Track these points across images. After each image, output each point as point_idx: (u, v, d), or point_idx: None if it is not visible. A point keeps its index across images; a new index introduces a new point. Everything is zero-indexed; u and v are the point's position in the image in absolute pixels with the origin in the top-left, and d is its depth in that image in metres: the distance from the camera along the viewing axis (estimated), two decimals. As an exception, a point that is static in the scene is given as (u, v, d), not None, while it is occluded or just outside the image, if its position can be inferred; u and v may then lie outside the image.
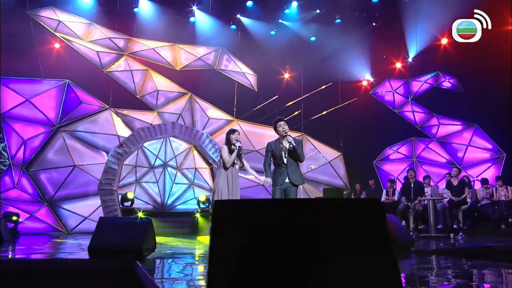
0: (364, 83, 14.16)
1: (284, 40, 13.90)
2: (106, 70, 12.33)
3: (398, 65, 13.79)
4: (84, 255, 4.30)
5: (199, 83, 13.20)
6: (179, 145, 13.56)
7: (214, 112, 13.37)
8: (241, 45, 13.88)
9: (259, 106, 13.53)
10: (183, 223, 11.64)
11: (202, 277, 3.23)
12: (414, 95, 13.49)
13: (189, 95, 13.08)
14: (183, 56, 13.35)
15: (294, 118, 13.79)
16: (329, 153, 13.80)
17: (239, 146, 5.53)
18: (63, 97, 11.53)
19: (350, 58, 13.80)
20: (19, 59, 11.13)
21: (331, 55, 13.56)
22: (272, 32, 13.95)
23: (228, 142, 5.70)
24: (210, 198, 12.87)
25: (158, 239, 9.50)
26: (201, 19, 13.61)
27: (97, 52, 12.30)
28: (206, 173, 13.62)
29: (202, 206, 12.67)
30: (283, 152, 5.57)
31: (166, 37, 13.18)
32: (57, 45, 11.89)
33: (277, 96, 13.65)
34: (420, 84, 13.38)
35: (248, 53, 13.85)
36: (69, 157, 11.44)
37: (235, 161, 5.56)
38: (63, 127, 11.50)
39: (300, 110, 13.96)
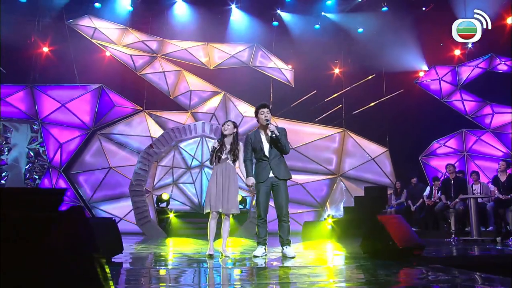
0: (421, 74, 13.11)
1: (328, 33, 13.34)
2: (140, 73, 12.44)
3: (457, 52, 12.53)
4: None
5: (233, 81, 12.94)
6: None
7: (249, 110, 13.01)
8: (279, 41, 13.47)
9: (296, 102, 13.04)
10: (217, 225, 11.35)
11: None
12: (464, 82, 12.27)
13: (222, 93, 12.86)
14: (216, 54, 13.18)
15: (334, 114, 13.15)
16: (374, 149, 12.94)
17: (214, 147, 4.99)
18: (97, 101, 11.77)
19: (398, 47, 12.90)
20: (56, 67, 11.56)
21: (377, 46, 12.76)
22: (316, 26, 13.40)
23: (221, 136, 5.17)
24: (247, 198, 12.60)
25: (183, 240, 9.40)
26: (239, 17, 13.43)
27: (131, 55, 12.45)
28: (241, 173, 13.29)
29: (239, 206, 12.38)
30: (263, 144, 5.03)
31: (201, 38, 13.10)
32: (92, 52, 12.17)
33: (315, 91, 13.07)
34: (470, 70, 12.15)
35: (286, 48, 13.40)
36: (105, 159, 11.63)
37: (227, 156, 5.00)
38: (99, 130, 11.74)
39: (340, 105, 13.27)
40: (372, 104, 13.08)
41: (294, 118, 12.91)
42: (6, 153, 11.38)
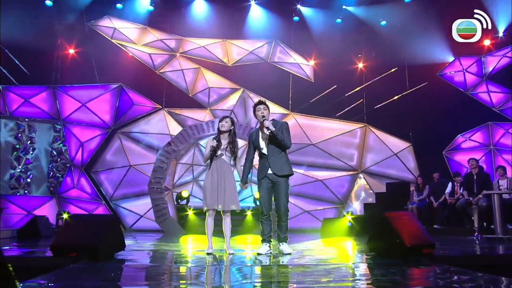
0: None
1: (350, 27, 13.08)
2: (159, 71, 12.52)
3: (487, 42, 12.00)
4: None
5: (252, 77, 12.84)
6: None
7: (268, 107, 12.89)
8: (298, 36, 13.31)
9: (316, 98, 12.85)
10: (235, 222, 11.31)
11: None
12: (490, 73, 11.77)
13: (241, 90, 12.79)
14: (235, 51, 13.12)
15: (355, 108, 12.88)
16: (396, 144, 12.62)
17: (213, 147, 4.89)
18: (117, 100, 11.92)
19: (423, 39, 12.51)
20: (77, 68, 11.79)
21: (400, 38, 12.42)
22: (338, 20, 13.16)
23: (218, 133, 5.08)
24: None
25: (199, 237, 9.41)
26: (258, 14, 13.34)
27: (150, 54, 12.55)
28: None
29: (259, 203, 12.33)
30: (262, 141, 4.95)
31: (220, 35, 13.07)
32: (112, 51, 12.33)
33: (335, 86, 12.84)
34: (497, 60, 11.62)
35: (305, 43, 13.21)
36: (125, 158, 11.79)
37: (223, 152, 4.94)
38: (119, 128, 11.90)
39: (362, 100, 12.99)
40: (395, 98, 12.73)
41: (314, 114, 12.73)
42: (31, 152, 11.68)
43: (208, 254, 4.84)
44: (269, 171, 4.85)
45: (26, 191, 11.43)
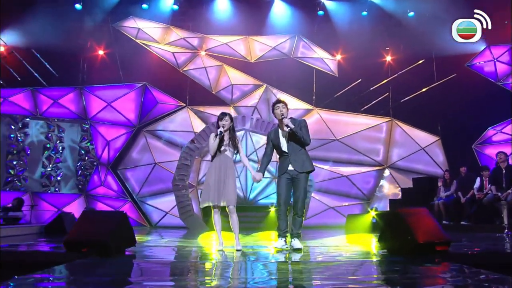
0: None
1: (376, 19, 12.80)
2: (182, 70, 12.66)
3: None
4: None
5: (275, 73, 12.80)
6: (260, 139, 13.30)
7: (292, 102, 12.80)
8: (322, 30, 13.14)
9: (340, 92, 12.68)
10: (259, 218, 11.39)
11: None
12: (523, 62, 11.27)
13: (264, 86, 12.76)
14: (257, 47, 13.10)
15: (381, 102, 12.62)
16: (424, 138, 12.32)
17: (219, 131, 4.91)
18: (141, 99, 12.14)
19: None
20: (102, 68, 12.09)
21: (427, 29, 12.05)
22: (364, 13, 12.92)
23: (217, 127, 5.09)
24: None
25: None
26: (280, 9, 13.25)
27: (173, 53, 12.70)
28: (288, 166, 13.17)
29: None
30: (282, 139, 4.97)
31: (242, 31, 13.08)
32: (136, 51, 12.54)
33: (360, 80, 12.62)
34: (531, 48, 11.12)
35: (329, 37, 13.03)
36: (150, 155, 12.00)
37: (226, 148, 4.96)
38: (143, 127, 12.12)
39: (387, 93, 12.71)
40: (422, 90, 12.39)
41: (338, 109, 12.58)
42: (60, 151, 12.07)
43: (218, 250, 4.86)
44: (290, 167, 4.88)
45: (56, 189, 11.82)
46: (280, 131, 5.01)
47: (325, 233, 9.15)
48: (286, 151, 4.92)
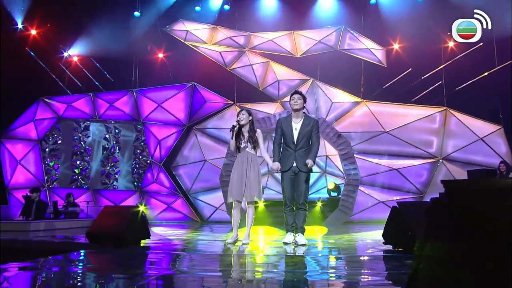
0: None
1: (433, 4, 12.26)
2: (230, 68, 12.95)
3: None
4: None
5: (321, 67, 12.68)
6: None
7: (339, 95, 12.64)
8: (370, 20, 12.81)
9: (389, 83, 12.29)
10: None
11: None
12: None
13: (311, 81, 12.70)
14: (303, 42, 13.04)
15: (433, 92, 12.05)
16: (483, 128, 11.60)
17: (233, 125, 5.02)
18: (190, 99, 12.62)
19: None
20: (153, 71, 12.73)
21: (488, 10, 11.31)
22: (419, -3, 12.44)
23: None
24: (340, 186, 12.32)
25: (264, 228, 9.61)
26: (327, 1, 13.11)
27: (220, 52, 13.02)
28: (337, 160, 13.00)
29: (332, 194, 12.22)
30: (293, 132, 4.93)
31: (288, 27, 13.10)
32: (185, 53, 13.03)
33: (410, 69, 12.15)
34: None
35: (379, 27, 12.66)
36: (200, 153, 12.44)
37: (246, 145, 5.06)
38: (193, 125, 12.59)
39: (440, 82, 12.11)
40: (481, 76, 11.65)
41: (387, 100, 12.20)
42: (117, 151, 12.88)
43: (228, 244, 5.00)
44: (294, 164, 4.89)
45: (115, 186, 12.65)
46: (294, 123, 4.98)
47: (370, 227, 8.98)
48: (294, 146, 4.91)
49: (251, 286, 2.52)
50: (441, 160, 11.69)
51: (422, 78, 12.12)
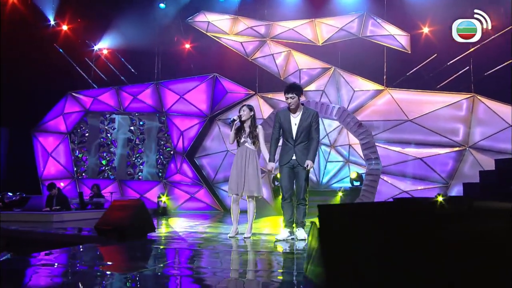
0: None
1: None
2: (251, 58, 12.95)
3: None
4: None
5: (343, 55, 12.48)
6: (332, 122, 13.19)
7: (361, 84, 12.42)
8: (395, 4, 12.48)
9: (413, 70, 11.96)
10: (326, 202, 11.36)
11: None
12: None
13: (332, 69, 12.53)
14: (324, 29, 12.85)
15: (460, 78, 11.64)
16: (512, 115, 11.12)
17: (233, 119, 5.06)
18: (212, 90, 12.74)
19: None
20: (175, 63, 12.90)
21: None
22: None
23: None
24: (363, 175, 12.19)
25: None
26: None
27: (241, 43, 13.03)
28: (360, 149, 12.85)
29: (355, 183, 12.14)
30: (292, 127, 4.91)
31: (309, 15, 12.96)
32: (206, 44, 13.11)
33: (435, 54, 11.77)
34: None
35: (403, 12, 12.33)
36: (223, 143, 12.58)
37: (246, 139, 5.10)
38: (215, 116, 12.73)
39: (468, 67, 11.68)
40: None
41: (411, 88, 11.89)
42: (142, 142, 13.21)
43: (230, 237, 5.09)
44: (293, 157, 4.89)
45: (140, 177, 13.00)
46: (292, 118, 4.96)
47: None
48: (293, 141, 4.90)
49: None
50: (468, 149, 11.34)
51: (449, 63, 11.73)
